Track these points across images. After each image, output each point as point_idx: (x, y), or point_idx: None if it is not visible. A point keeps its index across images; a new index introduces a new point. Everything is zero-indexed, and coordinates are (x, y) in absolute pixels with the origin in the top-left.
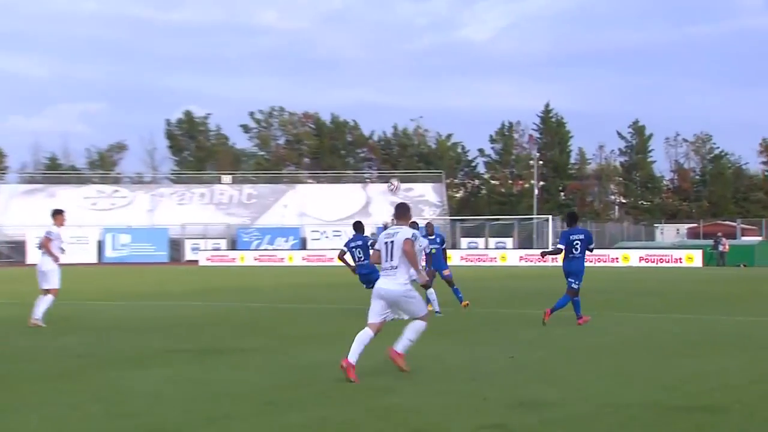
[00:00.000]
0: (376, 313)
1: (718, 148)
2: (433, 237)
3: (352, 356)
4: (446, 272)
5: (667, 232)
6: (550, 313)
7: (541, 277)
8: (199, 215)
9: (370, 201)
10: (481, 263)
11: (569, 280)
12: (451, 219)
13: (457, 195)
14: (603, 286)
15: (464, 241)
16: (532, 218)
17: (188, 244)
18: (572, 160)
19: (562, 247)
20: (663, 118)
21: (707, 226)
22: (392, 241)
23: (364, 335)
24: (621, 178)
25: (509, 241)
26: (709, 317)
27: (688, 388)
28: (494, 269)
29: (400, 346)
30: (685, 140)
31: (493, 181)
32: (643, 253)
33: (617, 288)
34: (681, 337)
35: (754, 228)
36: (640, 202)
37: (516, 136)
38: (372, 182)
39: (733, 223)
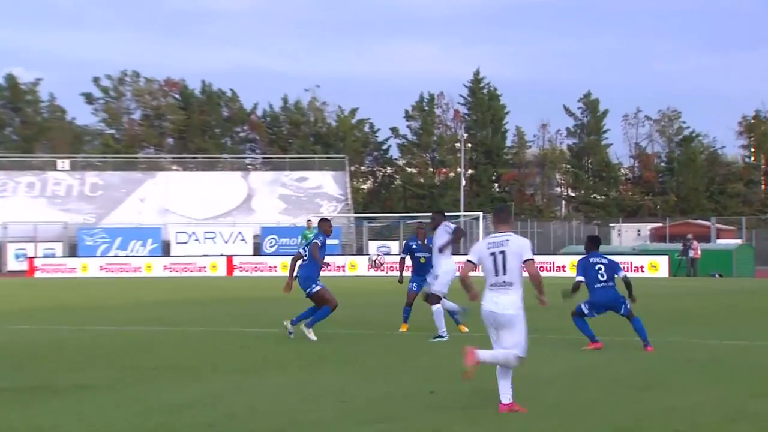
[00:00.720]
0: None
1: (688, 127)
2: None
3: (505, 396)
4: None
5: (626, 233)
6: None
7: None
8: (27, 211)
9: (252, 193)
10: (394, 273)
11: (615, 310)
12: (355, 217)
13: (364, 186)
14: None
15: (373, 245)
16: (458, 216)
17: (11, 249)
18: (508, 143)
19: (581, 279)
20: (621, 89)
21: (675, 227)
22: (503, 251)
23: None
24: (569, 166)
25: None
26: (676, 340)
27: (649, 429)
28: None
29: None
30: (648, 118)
31: (409, 169)
32: None
33: (563, 304)
34: (641, 365)
35: (731, 228)
36: (592, 196)
37: (438, 111)
38: (255, 169)
39: (707, 223)
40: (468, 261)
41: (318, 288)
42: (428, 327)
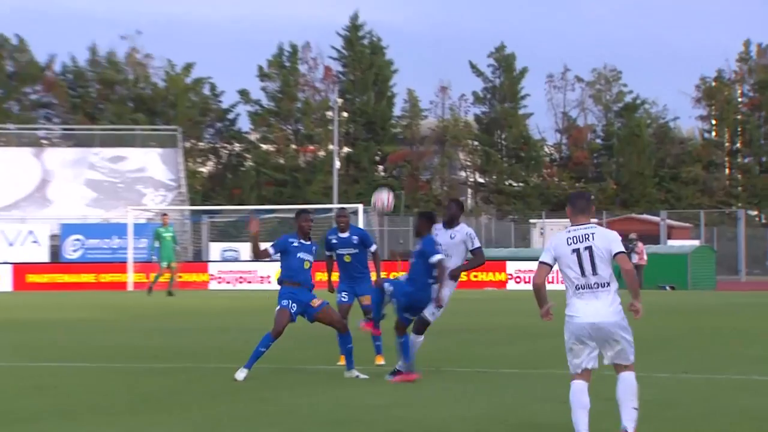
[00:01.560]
0: (586, 355)
1: (630, 92)
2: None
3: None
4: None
5: (551, 231)
6: None
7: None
8: None
9: (49, 177)
10: (246, 285)
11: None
12: (191, 210)
13: (203, 169)
14: (444, 323)
15: (216, 248)
16: (330, 209)
17: None
18: (396, 112)
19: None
20: (543, 42)
21: (614, 223)
22: (589, 247)
23: (582, 396)
24: (476, 143)
25: None
26: (612, 374)
27: None
28: (269, 294)
29: (630, 422)
30: (580, 80)
31: (264, 146)
32: (512, 267)
33: (465, 326)
34: (568, 406)
35: (686, 226)
36: (507, 183)
37: (304, 69)
38: (52, 145)
39: (655, 218)
40: (542, 263)
41: (278, 307)
42: (275, 356)
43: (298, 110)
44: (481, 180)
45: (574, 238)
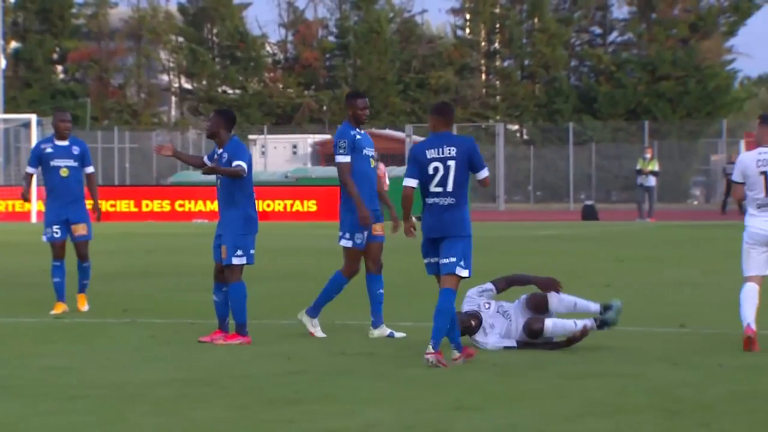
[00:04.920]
0: (761, 263)
1: None
2: None
3: (751, 320)
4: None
5: (275, 150)
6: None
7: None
8: None
9: None
10: None
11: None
12: None
13: None
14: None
15: None
16: None
17: None
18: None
19: None
20: None
21: None
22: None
23: (753, 294)
24: (181, 39)
25: None
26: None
27: None
28: None
29: None
30: None
31: None
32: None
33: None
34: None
35: None
36: (220, 90)
37: None
38: None
39: (400, 134)
40: (735, 183)
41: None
42: None
43: None
44: (187, 86)
45: (765, 161)
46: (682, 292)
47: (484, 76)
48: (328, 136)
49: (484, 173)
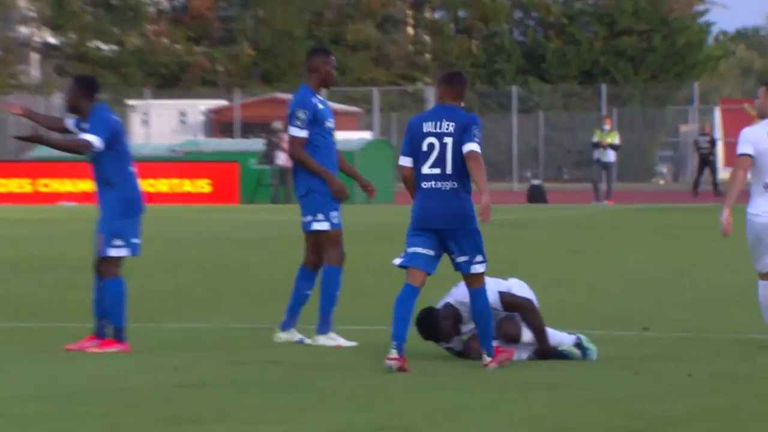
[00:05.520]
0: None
1: None
2: None
3: None
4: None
5: (160, 118)
6: None
7: None
8: None
9: None
10: None
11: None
12: None
13: None
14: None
15: None
16: None
17: None
18: None
19: None
20: None
21: (252, 106)
22: None
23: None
24: None
25: None
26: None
27: None
28: None
29: None
30: None
31: None
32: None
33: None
34: None
35: (354, 111)
36: (92, 45)
37: None
38: None
39: None
40: (743, 155)
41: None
42: None
43: None
44: (52, 40)
45: None
46: (645, 289)
47: (410, 31)
48: (223, 102)
49: (470, 146)
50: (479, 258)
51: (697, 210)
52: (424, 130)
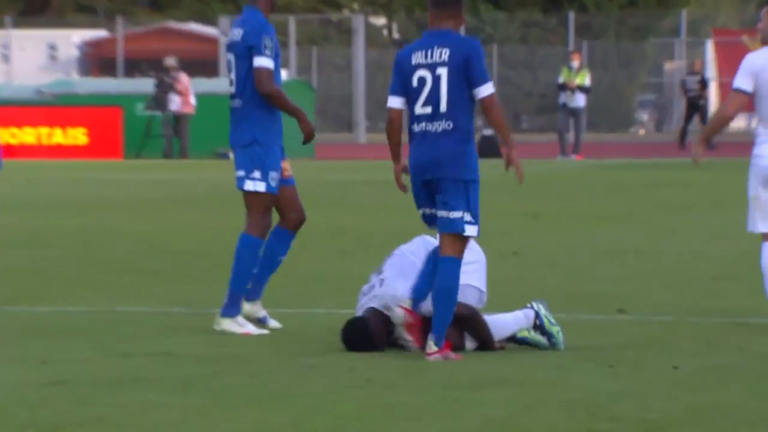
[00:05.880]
0: None
1: None
2: None
3: None
4: None
5: (23, 53)
6: None
7: None
8: None
9: None
10: None
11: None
12: None
13: None
14: None
15: None
16: None
17: None
18: None
19: None
20: None
21: (142, 37)
22: None
23: None
24: None
25: None
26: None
27: None
28: None
29: None
30: None
31: None
32: None
33: None
34: None
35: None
36: None
37: None
38: None
39: (211, 31)
40: (738, 91)
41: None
42: None
43: None
44: None
45: None
46: (621, 262)
47: None
48: (102, 33)
49: (485, 90)
50: (467, 217)
51: (684, 166)
52: (413, 62)
